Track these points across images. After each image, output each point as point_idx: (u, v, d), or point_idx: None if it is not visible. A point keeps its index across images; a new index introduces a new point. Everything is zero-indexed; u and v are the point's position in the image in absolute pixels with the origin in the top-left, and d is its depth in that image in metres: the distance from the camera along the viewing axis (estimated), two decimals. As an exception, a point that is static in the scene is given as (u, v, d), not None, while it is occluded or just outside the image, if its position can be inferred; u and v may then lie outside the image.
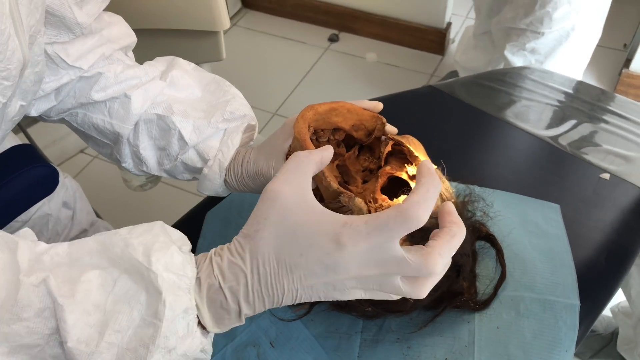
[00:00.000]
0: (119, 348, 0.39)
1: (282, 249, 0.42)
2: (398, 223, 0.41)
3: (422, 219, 0.41)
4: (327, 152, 0.49)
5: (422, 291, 0.44)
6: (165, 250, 0.42)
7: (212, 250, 0.45)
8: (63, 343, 0.39)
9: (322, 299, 0.44)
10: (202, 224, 0.80)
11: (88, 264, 0.42)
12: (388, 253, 0.41)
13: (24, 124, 1.24)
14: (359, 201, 0.57)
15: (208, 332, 0.44)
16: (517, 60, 1.53)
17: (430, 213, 0.43)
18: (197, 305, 0.42)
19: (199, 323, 0.43)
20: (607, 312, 1.28)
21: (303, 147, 0.56)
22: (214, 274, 0.43)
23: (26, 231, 0.45)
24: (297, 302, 0.43)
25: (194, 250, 0.76)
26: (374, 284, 0.43)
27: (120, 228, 0.44)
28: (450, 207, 0.46)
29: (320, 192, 0.59)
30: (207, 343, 0.44)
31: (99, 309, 0.40)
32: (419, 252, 0.42)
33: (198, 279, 0.43)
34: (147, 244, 0.41)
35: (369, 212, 0.58)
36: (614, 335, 1.29)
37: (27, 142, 0.95)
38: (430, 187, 0.43)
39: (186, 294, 0.41)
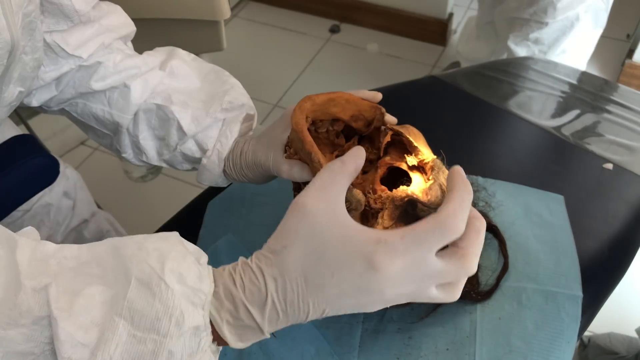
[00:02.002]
0: None
1: (312, 268, 0.40)
2: (437, 236, 0.39)
3: (461, 229, 0.40)
4: (359, 159, 0.46)
5: (457, 294, 0.42)
6: (181, 260, 0.39)
7: (232, 264, 0.43)
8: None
9: (349, 313, 0.42)
10: (204, 213, 0.80)
11: (94, 274, 0.39)
12: (426, 267, 0.40)
13: (24, 115, 1.24)
14: (356, 192, 0.56)
15: (219, 348, 0.42)
16: (520, 50, 1.52)
17: (466, 222, 0.41)
18: (214, 321, 0.40)
19: (214, 338, 0.41)
20: (630, 332, 1.27)
21: (300, 139, 0.56)
22: (236, 291, 0.40)
23: (29, 230, 0.43)
24: (322, 317, 0.42)
25: (196, 240, 0.76)
26: (407, 298, 0.41)
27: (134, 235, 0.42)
28: (469, 203, 0.44)
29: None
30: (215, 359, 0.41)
31: (97, 327, 0.37)
32: (454, 258, 0.41)
33: (217, 293, 0.40)
34: (162, 251, 0.39)
35: (368, 202, 0.58)
36: (638, 357, 1.27)
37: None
38: (465, 195, 0.42)
39: (199, 310, 0.39)
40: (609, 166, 0.84)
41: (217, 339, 0.41)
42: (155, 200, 1.71)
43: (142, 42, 0.75)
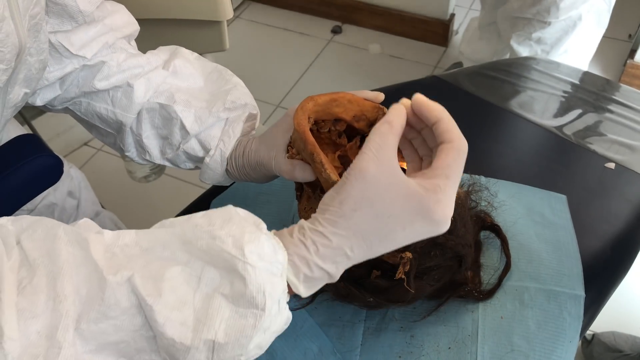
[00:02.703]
0: (216, 342, 0.40)
1: (384, 226, 0.44)
2: (461, 161, 0.48)
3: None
4: (403, 117, 0.49)
5: None
6: (256, 241, 0.42)
7: (296, 228, 0.46)
8: (156, 339, 0.40)
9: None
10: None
11: (166, 258, 0.42)
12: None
13: (28, 116, 1.24)
14: None
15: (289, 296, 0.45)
16: (522, 50, 1.52)
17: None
18: (292, 283, 0.44)
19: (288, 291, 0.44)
20: (633, 331, 1.27)
21: (303, 139, 0.56)
22: (310, 255, 0.44)
23: (87, 222, 0.44)
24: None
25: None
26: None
27: (189, 216, 0.44)
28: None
29: (321, 184, 0.59)
30: (291, 315, 0.45)
31: (188, 306, 0.40)
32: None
33: (292, 261, 0.44)
34: (235, 236, 0.42)
35: None
36: None
37: (31, 133, 0.95)
38: (447, 114, 0.51)
39: (280, 280, 0.42)
40: (611, 165, 0.84)
41: (290, 291, 0.45)
42: (158, 200, 1.72)
43: (146, 42, 0.75)
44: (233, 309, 0.41)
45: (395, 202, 0.44)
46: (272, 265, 0.42)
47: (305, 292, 0.45)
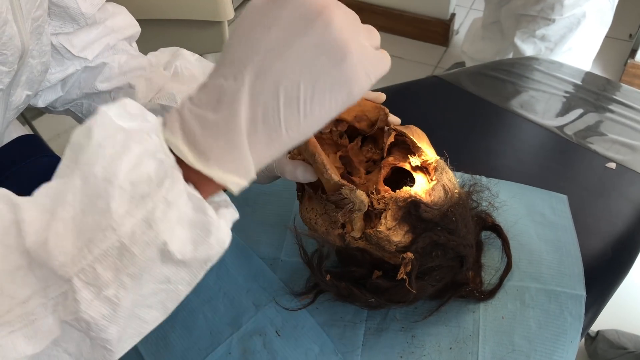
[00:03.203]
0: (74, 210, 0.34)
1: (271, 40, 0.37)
2: None
3: None
4: None
5: None
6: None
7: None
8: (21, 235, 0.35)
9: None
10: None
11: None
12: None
13: (29, 116, 1.25)
14: (360, 193, 0.56)
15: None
16: (527, 47, 1.52)
17: None
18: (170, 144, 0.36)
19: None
20: (634, 331, 1.27)
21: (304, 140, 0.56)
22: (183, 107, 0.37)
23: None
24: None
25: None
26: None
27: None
28: None
29: (322, 184, 0.59)
30: (193, 190, 0.36)
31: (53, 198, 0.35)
32: None
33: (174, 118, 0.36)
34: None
35: (371, 203, 0.58)
36: None
37: (32, 133, 0.95)
38: None
39: (147, 136, 0.35)
40: (612, 165, 0.84)
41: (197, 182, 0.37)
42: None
43: (147, 43, 0.76)
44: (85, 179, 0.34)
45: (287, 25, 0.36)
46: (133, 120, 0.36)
47: (193, 152, 0.36)
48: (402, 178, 0.63)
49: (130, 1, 0.73)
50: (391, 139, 0.63)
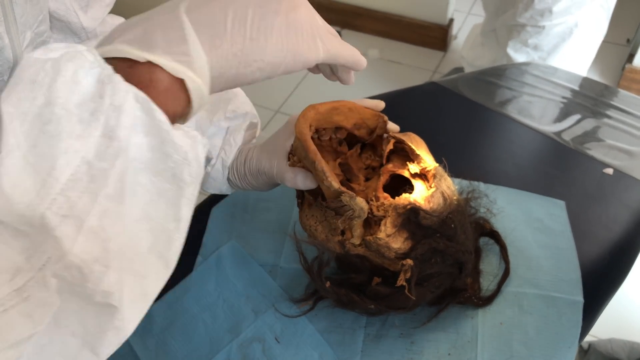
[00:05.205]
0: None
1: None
2: None
3: None
4: None
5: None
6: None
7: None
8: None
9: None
10: (208, 219, 0.80)
11: None
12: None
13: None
14: (359, 200, 0.57)
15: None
16: (519, 57, 1.53)
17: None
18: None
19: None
20: (631, 337, 1.27)
21: (304, 147, 0.57)
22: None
23: None
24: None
25: (199, 246, 0.76)
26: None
27: None
28: None
29: (322, 191, 0.59)
30: (138, 90, 0.33)
31: None
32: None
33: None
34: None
35: (371, 210, 0.59)
36: None
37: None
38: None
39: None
40: (610, 171, 0.85)
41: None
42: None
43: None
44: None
45: None
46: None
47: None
48: (401, 185, 0.64)
49: (129, 12, 0.73)
50: (390, 146, 0.64)
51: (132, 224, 0.33)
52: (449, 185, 0.63)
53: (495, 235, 0.73)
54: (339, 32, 2.29)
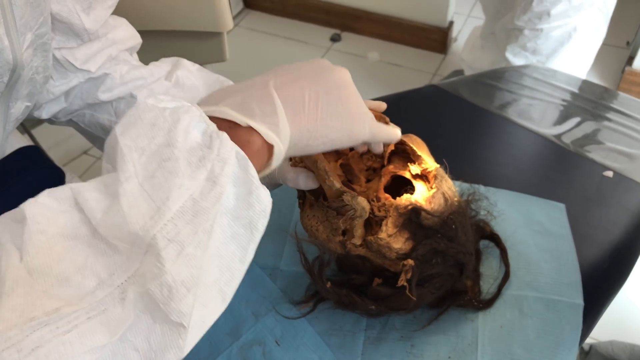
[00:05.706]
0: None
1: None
2: None
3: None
4: None
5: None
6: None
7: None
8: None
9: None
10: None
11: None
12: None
13: (28, 125, 1.25)
14: (361, 200, 0.57)
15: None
16: (518, 61, 1.53)
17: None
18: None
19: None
20: (632, 340, 1.27)
21: None
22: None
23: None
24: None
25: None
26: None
27: None
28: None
29: (324, 191, 0.59)
30: (239, 149, 0.40)
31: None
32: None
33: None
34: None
35: (372, 210, 0.59)
36: None
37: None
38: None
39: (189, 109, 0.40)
40: (609, 174, 0.85)
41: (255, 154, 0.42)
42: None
43: (147, 54, 0.76)
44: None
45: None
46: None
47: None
48: (402, 186, 0.64)
49: (131, 13, 0.73)
50: (391, 147, 0.64)
51: (207, 257, 0.38)
52: (450, 186, 0.63)
53: (495, 238, 0.73)
54: (338, 35, 2.30)
